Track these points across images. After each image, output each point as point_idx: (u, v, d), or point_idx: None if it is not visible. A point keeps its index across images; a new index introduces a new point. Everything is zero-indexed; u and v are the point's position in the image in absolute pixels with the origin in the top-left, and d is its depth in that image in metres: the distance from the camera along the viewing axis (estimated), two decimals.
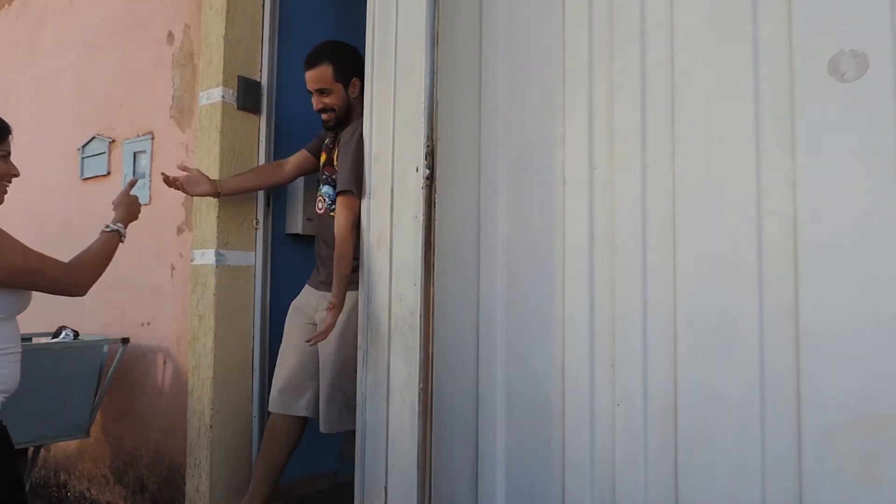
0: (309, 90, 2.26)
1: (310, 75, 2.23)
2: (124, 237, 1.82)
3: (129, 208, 1.86)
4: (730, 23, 1.46)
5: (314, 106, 2.26)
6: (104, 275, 2.92)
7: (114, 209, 1.87)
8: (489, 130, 1.85)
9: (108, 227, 1.81)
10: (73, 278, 1.70)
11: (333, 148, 2.27)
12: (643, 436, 1.52)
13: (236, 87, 2.47)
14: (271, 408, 2.29)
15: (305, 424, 2.29)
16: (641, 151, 1.57)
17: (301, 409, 2.25)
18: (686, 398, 1.47)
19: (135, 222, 2.78)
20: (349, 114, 2.25)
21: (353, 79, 2.23)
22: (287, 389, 2.26)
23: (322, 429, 2.21)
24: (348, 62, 2.23)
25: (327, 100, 2.23)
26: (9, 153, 1.66)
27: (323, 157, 2.33)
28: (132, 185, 1.97)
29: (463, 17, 1.93)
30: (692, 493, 1.45)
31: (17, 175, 1.73)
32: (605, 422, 1.59)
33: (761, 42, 1.42)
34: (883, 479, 1.24)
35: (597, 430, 1.60)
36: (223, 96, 2.43)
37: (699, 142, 1.49)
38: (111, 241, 1.79)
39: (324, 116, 2.27)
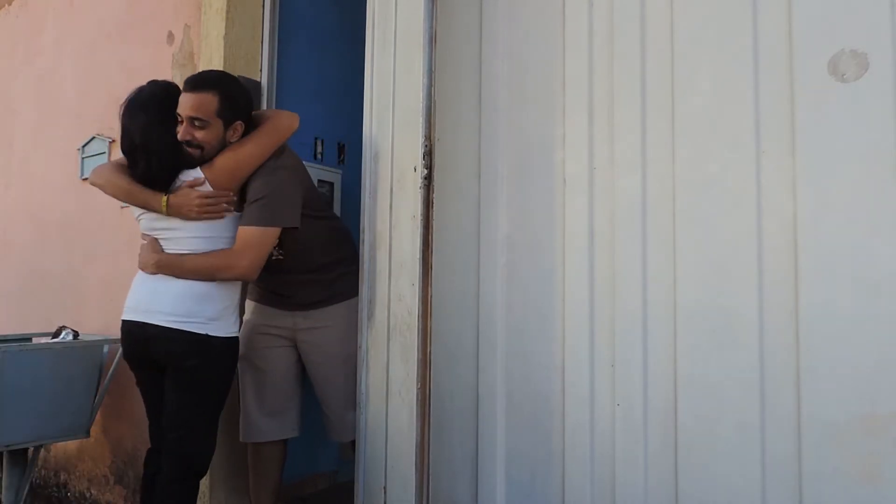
0: (179, 115, 1.83)
1: (188, 99, 1.82)
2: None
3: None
4: (730, 23, 1.46)
5: (180, 135, 1.82)
6: (103, 274, 2.93)
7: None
8: (489, 130, 1.85)
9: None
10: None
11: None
12: (643, 435, 1.52)
13: None
14: (258, 438, 2.18)
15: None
16: (641, 151, 1.57)
17: (290, 430, 2.21)
18: (686, 398, 1.47)
19: (134, 222, 2.78)
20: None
21: (237, 122, 1.88)
22: (275, 415, 2.19)
23: (343, 438, 2.15)
24: (240, 102, 1.90)
25: (200, 134, 1.82)
26: None
27: None
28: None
29: (462, 17, 1.93)
30: (692, 492, 1.45)
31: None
32: (605, 421, 1.59)
33: (761, 42, 1.42)
34: (883, 478, 1.24)
35: (597, 430, 1.60)
36: None
37: (699, 142, 1.49)
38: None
39: (188, 149, 1.84)
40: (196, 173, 1.83)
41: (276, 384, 2.19)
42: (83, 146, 3.08)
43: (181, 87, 1.86)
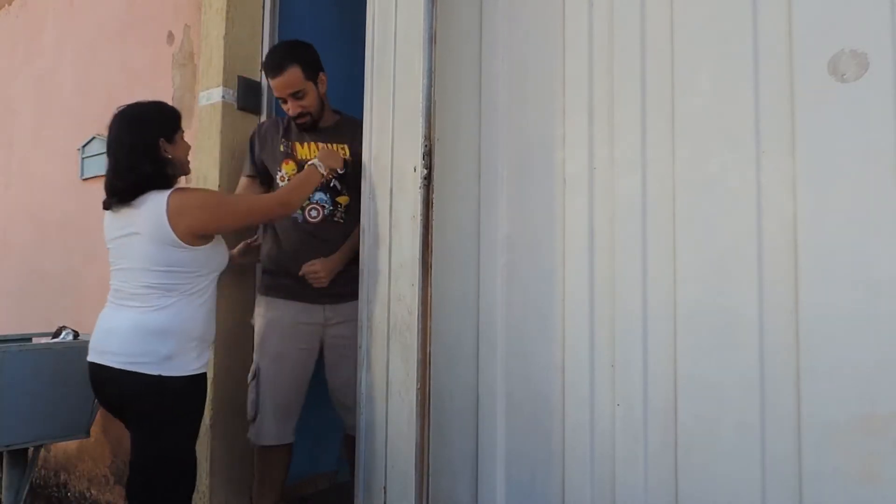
0: (279, 97, 2.18)
1: (278, 82, 2.13)
2: (324, 176, 2.01)
3: (331, 156, 2.06)
4: (730, 23, 1.46)
5: (290, 112, 2.18)
6: (103, 274, 2.92)
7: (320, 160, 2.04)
8: (489, 130, 1.85)
9: (311, 162, 2.01)
10: (284, 202, 1.91)
11: (300, 148, 2.25)
12: (643, 435, 1.52)
13: (236, 87, 2.47)
14: (272, 441, 2.20)
15: None
16: (641, 151, 1.57)
17: (292, 433, 2.27)
18: (686, 398, 1.47)
19: None
20: (322, 111, 2.24)
21: (320, 73, 2.20)
22: (289, 418, 2.23)
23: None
24: (311, 59, 2.18)
25: (304, 102, 2.16)
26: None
27: (291, 165, 2.24)
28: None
29: (462, 17, 1.93)
30: (692, 492, 1.45)
31: (190, 147, 1.98)
32: (605, 421, 1.59)
33: (761, 42, 1.42)
34: (883, 478, 1.24)
35: (597, 430, 1.60)
36: (223, 96, 2.43)
37: (699, 142, 1.49)
38: (312, 174, 1.98)
39: (300, 121, 2.20)
40: (161, 201, 1.73)
41: (296, 387, 2.24)
42: (83, 146, 3.08)
43: (266, 71, 2.17)
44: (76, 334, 2.60)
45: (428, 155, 1.77)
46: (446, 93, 1.91)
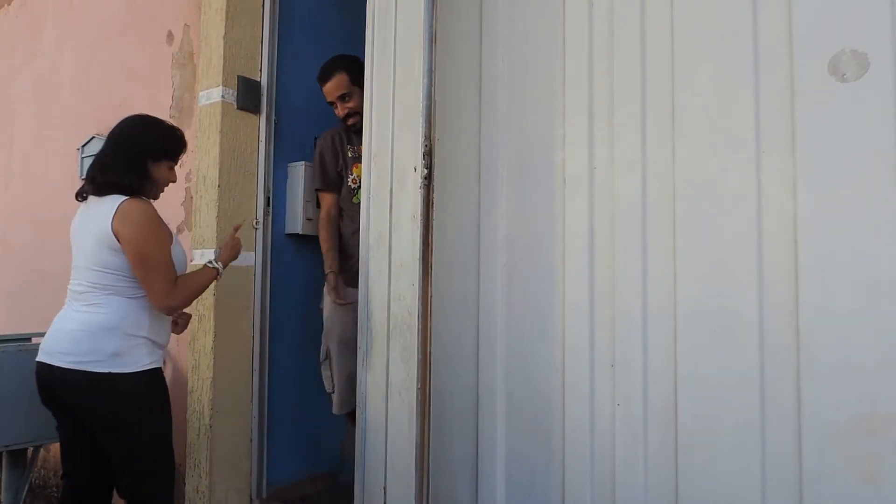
0: (330, 102, 2.49)
1: (329, 86, 2.48)
2: (221, 275, 1.93)
3: (232, 251, 2.00)
4: (730, 23, 1.46)
5: (340, 113, 2.49)
6: None
7: (220, 249, 2.02)
8: (489, 130, 1.85)
9: (210, 262, 1.92)
10: (173, 293, 1.75)
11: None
12: (643, 435, 1.52)
13: (236, 86, 2.47)
14: (346, 409, 2.46)
15: None
16: (641, 151, 1.57)
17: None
18: (686, 398, 1.47)
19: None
20: None
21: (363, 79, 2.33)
22: (352, 391, 2.34)
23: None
24: (359, 67, 2.29)
25: (351, 104, 2.46)
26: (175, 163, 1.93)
27: (359, 168, 2.46)
28: (237, 229, 2.09)
29: (462, 17, 1.93)
30: (692, 492, 1.45)
31: (174, 181, 1.95)
32: (605, 421, 1.59)
33: (761, 42, 1.42)
34: (883, 479, 1.24)
35: (597, 430, 1.60)
36: (223, 96, 2.43)
37: (699, 142, 1.49)
38: (209, 274, 1.89)
39: (350, 121, 2.48)
40: (115, 203, 1.72)
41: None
42: (83, 146, 3.08)
43: (319, 80, 2.52)
44: None
45: (428, 155, 1.77)
46: (446, 93, 1.91)
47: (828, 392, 1.30)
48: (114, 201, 1.73)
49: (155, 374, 1.77)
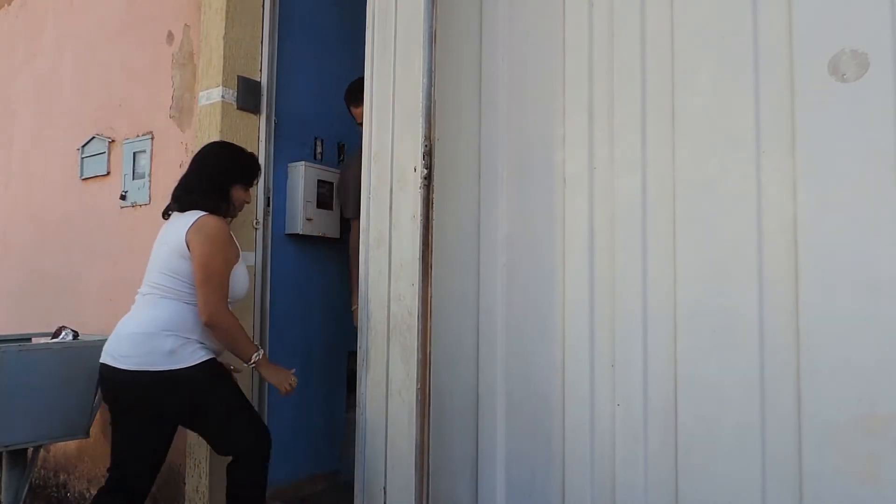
0: (360, 124, 2.33)
1: (358, 111, 2.33)
2: (248, 364, 1.96)
3: (276, 377, 2.00)
4: (730, 23, 1.46)
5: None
6: (103, 274, 2.93)
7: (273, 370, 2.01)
8: (489, 130, 1.85)
9: (258, 355, 1.96)
10: (218, 308, 1.86)
11: None
12: (643, 435, 1.52)
13: (236, 86, 2.47)
14: None
15: None
16: (641, 151, 1.57)
17: None
18: (686, 398, 1.47)
19: (133, 222, 2.78)
20: None
21: None
22: None
23: None
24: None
25: None
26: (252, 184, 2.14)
27: None
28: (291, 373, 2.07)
29: (462, 17, 1.93)
30: (692, 492, 1.45)
31: (248, 202, 2.14)
32: (605, 421, 1.59)
33: (761, 42, 1.42)
34: (883, 479, 1.24)
35: (597, 430, 1.60)
36: (223, 96, 2.43)
37: (699, 142, 1.49)
38: (248, 349, 1.95)
39: None
40: (193, 217, 1.89)
41: None
42: (83, 146, 3.08)
43: (348, 101, 2.57)
44: (76, 334, 2.59)
45: (428, 155, 1.77)
46: (446, 93, 1.91)
47: (828, 392, 1.30)
48: (193, 215, 1.91)
49: (212, 364, 1.89)
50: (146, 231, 2.74)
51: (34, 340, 2.72)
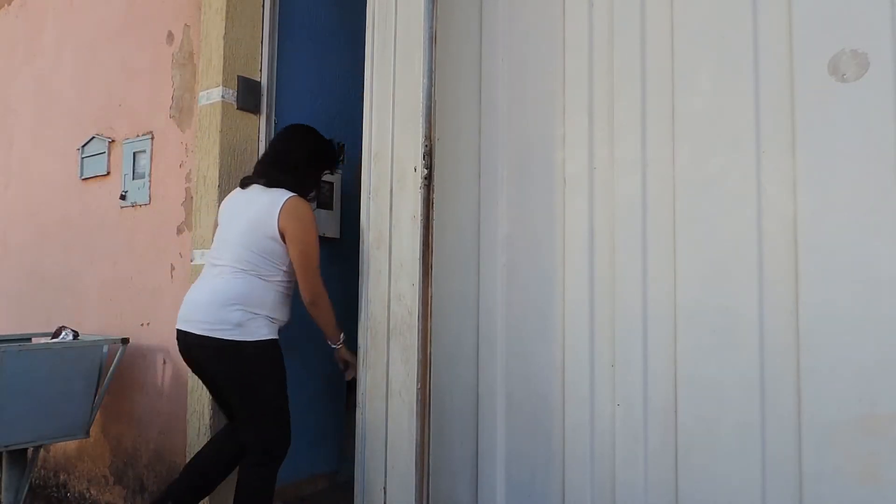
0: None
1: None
2: (338, 344, 2.13)
3: (354, 360, 2.09)
4: (730, 23, 1.46)
5: None
6: (103, 275, 2.93)
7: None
8: (489, 130, 1.85)
9: (343, 336, 2.13)
10: (318, 290, 2.02)
11: None
12: (643, 435, 1.52)
13: (236, 86, 2.47)
14: None
15: None
16: (641, 151, 1.57)
17: None
18: (686, 398, 1.47)
19: (133, 222, 2.78)
20: None
21: None
22: None
23: None
24: None
25: None
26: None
27: None
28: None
29: (462, 17, 1.93)
30: (692, 492, 1.45)
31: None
32: (605, 421, 1.59)
33: (761, 42, 1.42)
34: (883, 479, 1.24)
35: (597, 430, 1.60)
36: (223, 96, 2.43)
37: (699, 142, 1.49)
38: (335, 330, 2.10)
39: None
40: (282, 197, 1.97)
41: None
42: (83, 146, 3.08)
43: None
44: (76, 334, 2.60)
45: (428, 155, 1.77)
46: (446, 93, 1.91)
47: (828, 392, 1.30)
48: (280, 195, 1.97)
49: (272, 344, 1.98)
50: (146, 231, 2.74)
51: (34, 340, 2.72)
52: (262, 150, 2.55)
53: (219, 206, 2.41)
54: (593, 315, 1.62)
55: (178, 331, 2.01)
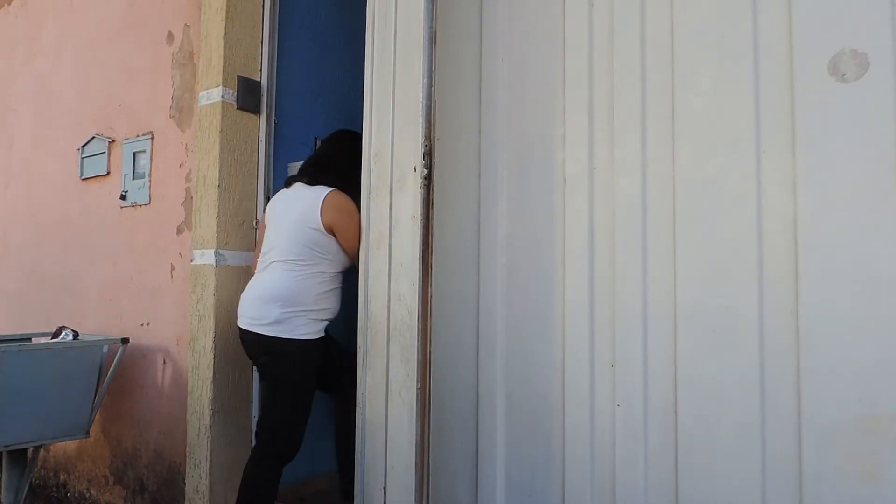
0: None
1: None
2: None
3: None
4: (730, 23, 1.46)
5: None
6: (103, 275, 2.93)
7: None
8: (489, 130, 1.85)
9: None
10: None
11: None
12: (643, 435, 1.52)
13: (236, 86, 2.47)
14: None
15: None
16: (641, 151, 1.57)
17: None
18: (686, 398, 1.47)
19: (133, 222, 2.78)
20: None
21: None
22: None
23: None
24: None
25: None
26: None
27: None
28: None
29: (462, 17, 1.93)
30: (692, 492, 1.45)
31: None
32: (605, 421, 1.59)
33: (761, 42, 1.42)
34: (883, 479, 1.24)
35: (597, 430, 1.60)
36: (223, 96, 2.43)
37: (699, 142, 1.49)
38: None
39: None
40: (323, 192, 2.08)
41: None
42: (83, 146, 3.08)
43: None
44: (76, 334, 2.60)
45: (428, 155, 1.77)
46: (446, 93, 1.91)
47: (828, 392, 1.30)
48: (322, 191, 2.10)
49: (310, 346, 2.07)
50: (146, 231, 2.74)
51: (34, 340, 2.72)
52: (262, 150, 2.56)
53: (219, 206, 2.41)
54: (593, 315, 1.62)
55: (238, 327, 2.20)
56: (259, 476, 2.05)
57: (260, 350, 2.08)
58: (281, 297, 2.04)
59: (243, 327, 2.11)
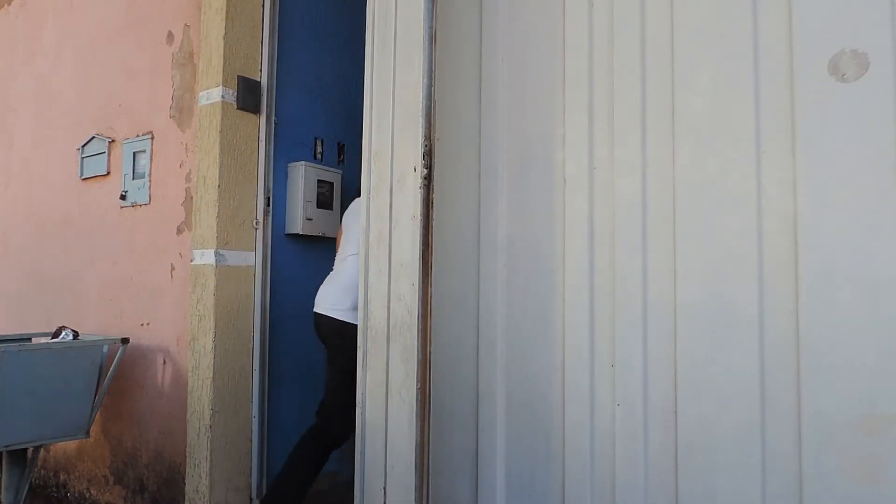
0: None
1: None
2: None
3: None
4: (730, 23, 1.46)
5: None
6: (103, 275, 2.93)
7: None
8: (489, 130, 1.85)
9: None
10: None
11: None
12: (643, 436, 1.52)
13: (236, 86, 2.47)
14: None
15: None
16: (641, 151, 1.57)
17: None
18: (686, 398, 1.47)
19: (133, 222, 2.79)
20: None
21: None
22: None
23: None
24: None
25: None
26: None
27: None
28: None
29: (462, 17, 1.93)
30: (692, 492, 1.45)
31: None
32: (605, 421, 1.59)
33: (761, 42, 1.42)
34: (883, 479, 1.24)
35: (597, 430, 1.60)
36: (223, 96, 2.43)
37: (699, 142, 1.49)
38: None
39: None
40: None
41: None
42: (83, 146, 3.09)
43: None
44: (76, 334, 2.60)
45: (428, 155, 1.77)
46: (446, 93, 1.91)
47: (828, 392, 1.30)
48: None
49: None
50: (146, 231, 2.74)
51: (34, 340, 2.72)
52: (262, 150, 2.56)
53: (219, 205, 2.41)
54: (593, 315, 1.62)
55: (313, 312, 2.38)
56: (311, 453, 2.21)
57: (333, 332, 2.27)
58: (353, 285, 2.21)
59: (321, 312, 2.32)
